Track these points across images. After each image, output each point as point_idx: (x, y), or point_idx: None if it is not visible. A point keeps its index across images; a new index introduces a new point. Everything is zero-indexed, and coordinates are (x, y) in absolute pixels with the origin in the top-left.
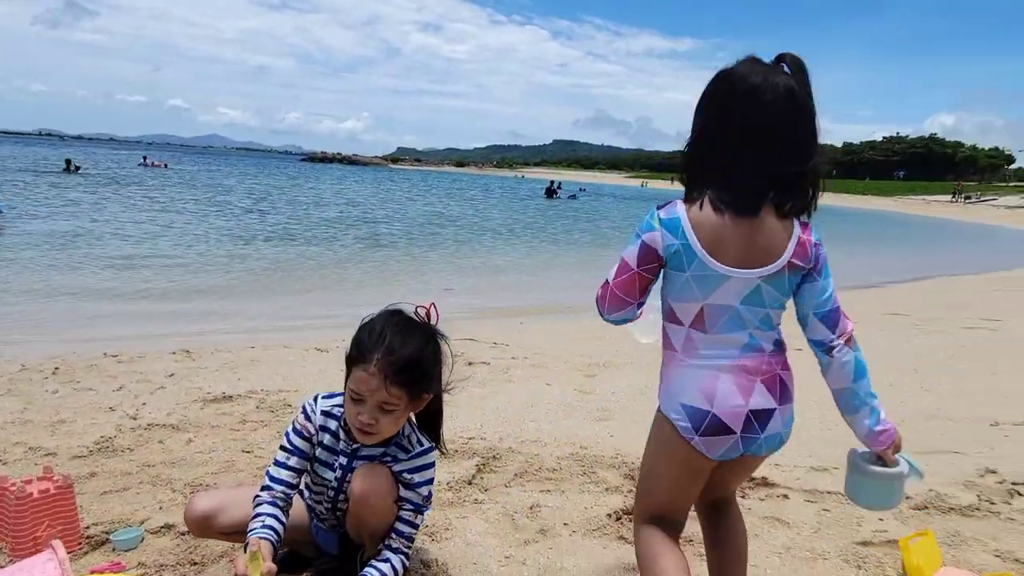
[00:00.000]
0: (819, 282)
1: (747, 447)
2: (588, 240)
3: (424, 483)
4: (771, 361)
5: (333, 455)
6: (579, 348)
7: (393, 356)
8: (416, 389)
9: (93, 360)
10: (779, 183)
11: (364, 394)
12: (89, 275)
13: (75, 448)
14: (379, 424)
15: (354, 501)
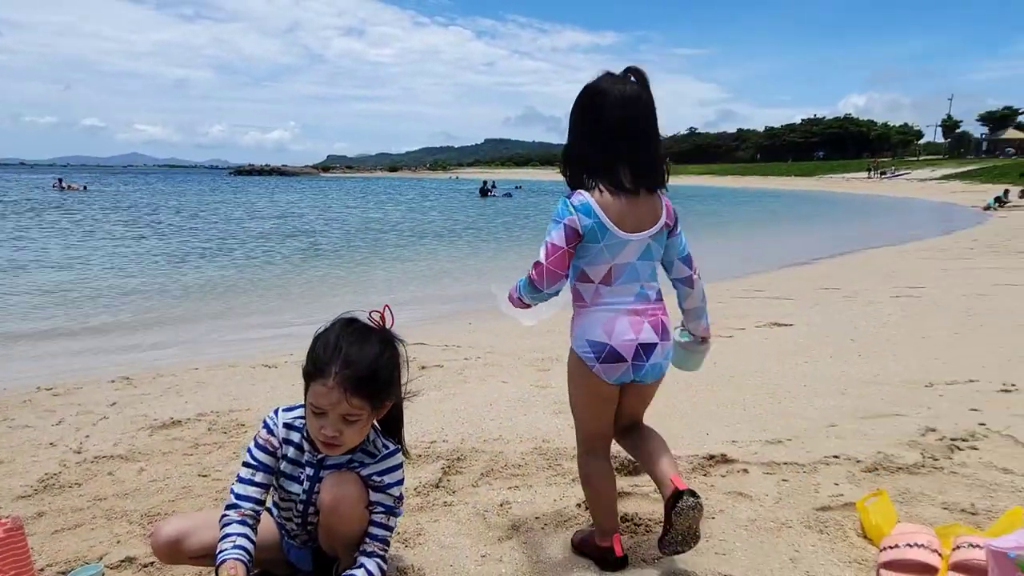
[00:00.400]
0: (679, 235)
1: (636, 374)
2: (528, 236)
3: (394, 484)
4: (655, 307)
5: (299, 467)
6: (529, 344)
7: (351, 368)
8: (377, 398)
9: (26, 395)
10: (646, 167)
11: (325, 408)
12: (13, 307)
13: (17, 488)
14: (343, 436)
15: (325, 511)
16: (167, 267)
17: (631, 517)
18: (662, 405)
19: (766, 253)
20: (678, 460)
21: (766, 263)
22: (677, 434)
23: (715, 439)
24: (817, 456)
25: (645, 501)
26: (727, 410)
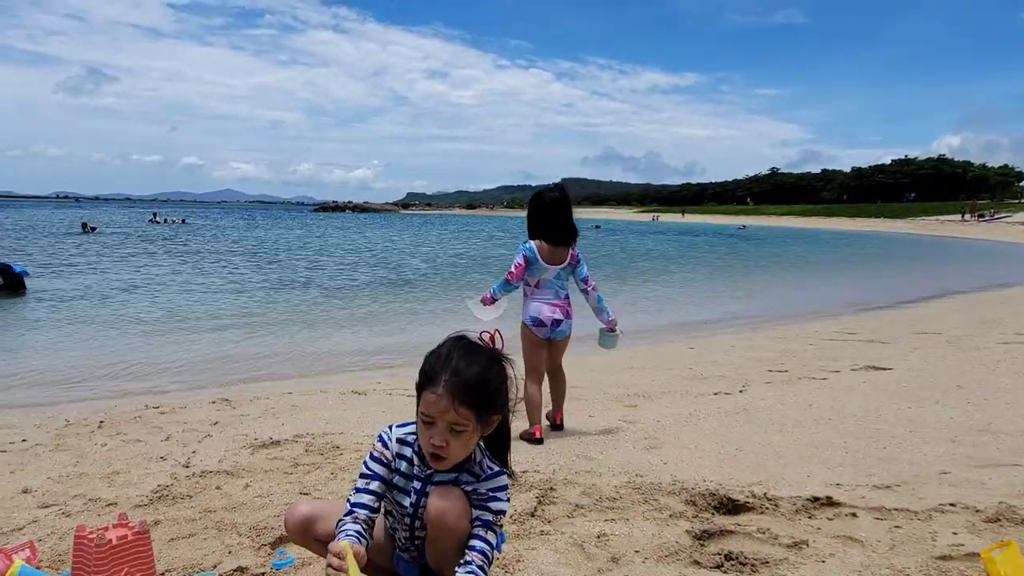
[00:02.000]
0: (580, 266)
1: (552, 333)
2: (611, 271)
3: (495, 500)
4: (562, 302)
5: (409, 481)
6: (613, 379)
7: (459, 377)
8: (483, 409)
9: (136, 412)
10: (560, 234)
11: (434, 416)
12: (120, 330)
13: (135, 498)
14: (450, 447)
15: (430, 523)
16: (258, 296)
17: (736, 555)
18: (758, 443)
19: (856, 295)
20: (778, 500)
21: (856, 305)
22: (776, 474)
23: (817, 481)
24: (931, 503)
25: (748, 540)
26: (827, 452)
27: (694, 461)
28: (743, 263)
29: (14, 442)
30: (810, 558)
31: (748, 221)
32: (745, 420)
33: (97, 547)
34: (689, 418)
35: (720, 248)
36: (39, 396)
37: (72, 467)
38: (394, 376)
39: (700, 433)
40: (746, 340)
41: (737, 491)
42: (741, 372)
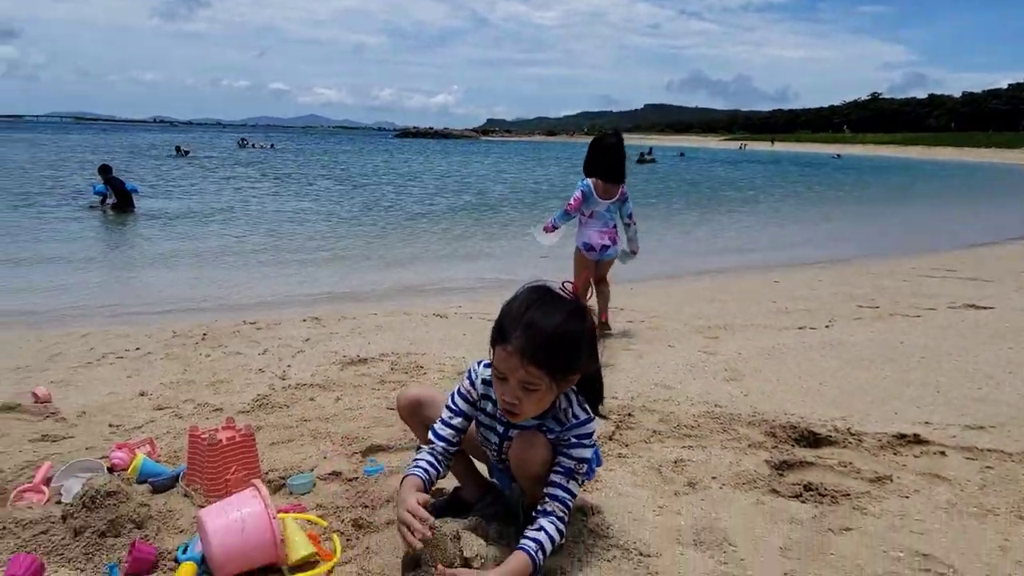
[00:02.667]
0: (626, 204)
1: (600, 256)
2: (687, 203)
3: (579, 447)
4: (611, 230)
5: (493, 420)
6: (694, 310)
7: (530, 336)
8: (557, 368)
9: (234, 327)
10: (613, 175)
11: (506, 373)
12: (219, 249)
13: (237, 404)
14: (522, 404)
15: (513, 467)
16: (348, 220)
17: (815, 487)
18: (843, 379)
19: (959, 230)
20: (862, 436)
21: (958, 241)
22: (861, 411)
23: (905, 419)
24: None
25: (829, 473)
26: (917, 390)
27: (775, 394)
28: (836, 194)
29: (129, 350)
30: (893, 493)
31: (844, 150)
32: (831, 355)
33: (209, 447)
34: (772, 351)
35: (812, 178)
36: (149, 308)
37: (181, 374)
38: (475, 300)
39: (782, 367)
40: (835, 274)
41: (819, 425)
42: (828, 307)
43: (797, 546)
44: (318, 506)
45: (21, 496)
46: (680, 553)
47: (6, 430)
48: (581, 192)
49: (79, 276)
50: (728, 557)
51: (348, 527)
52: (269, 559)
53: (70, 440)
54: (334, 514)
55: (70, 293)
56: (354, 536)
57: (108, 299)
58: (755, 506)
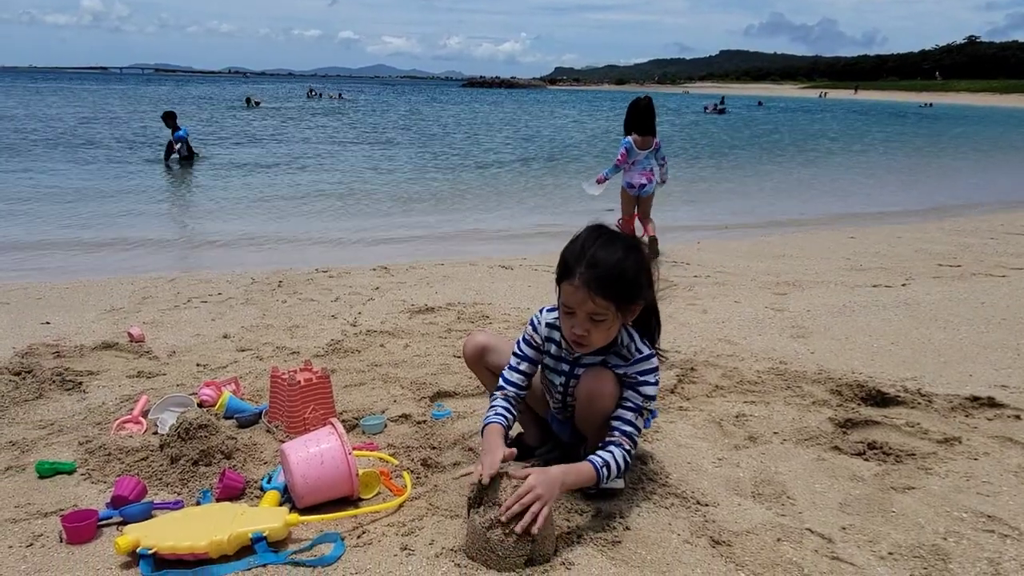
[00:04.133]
0: (660, 151)
1: (639, 192)
2: (754, 156)
3: (645, 384)
4: (649, 172)
5: (559, 362)
6: (763, 266)
7: (595, 268)
8: (622, 298)
9: (308, 275)
10: (648, 130)
11: (573, 307)
12: (291, 198)
13: (313, 348)
14: (591, 335)
15: (580, 403)
16: (417, 170)
17: (880, 445)
18: (916, 339)
19: None
20: (933, 397)
21: None
22: (933, 372)
23: (980, 381)
24: None
25: (895, 432)
26: (995, 353)
27: (843, 352)
28: (924, 146)
29: (212, 295)
30: (961, 455)
31: (934, 99)
32: (905, 314)
33: (289, 386)
34: (842, 309)
35: (898, 128)
36: (228, 255)
37: (260, 319)
38: (541, 253)
39: (853, 325)
40: (916, 231)
41: (888, 385)
42: (906, 265)
43: (857, 502)
44: (389, 446)
45: (122, 426)
46: (738, 504)
47: (107, 366)
48: (625, 148)
49: (165, 222)
50: (786, 509)
51: (417, 466)
52: (345, 491)
53: (162, 377)
54: (404, 453)
55: (156, 240)
56: (423, 474)
57: (190, 245)
58: (816, 462)
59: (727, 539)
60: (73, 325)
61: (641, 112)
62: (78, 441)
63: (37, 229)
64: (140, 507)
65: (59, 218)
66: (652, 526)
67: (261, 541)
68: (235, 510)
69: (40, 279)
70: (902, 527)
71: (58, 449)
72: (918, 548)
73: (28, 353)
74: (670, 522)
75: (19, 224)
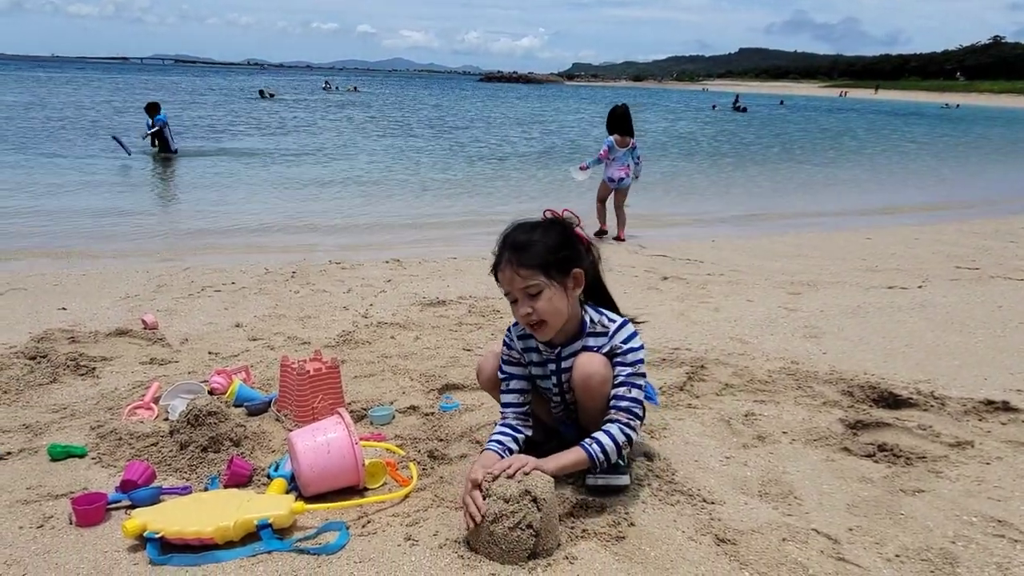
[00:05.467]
0: (635, 151)
1: (617, 185)
2: (777, 152)
3: (630, 350)
4: (626, 167)
5: (544, 367)
6: (778, 266)
7: (512, 245)
8: (546, 263)
9: (321, 267)
10: (626, 131)
11: (510, 289)
12: (304, 189)
13: (324, 339)
14: (536, 311)
15: (577, 391)
16: (433, 164)
17: (890, 447)
18: (931, 341)
19: None
20: (946, 400)
21: None
22: (948, 375)
23: (995, 385)
24: None
25: (906, 435)
26: (1012, 358)
27: (856, 354)
28: (944, 147)
29: (225, 284)
30: (973, 459)
31: (956, 99)
32: (920, 317)
33: (299, 376)
34: (856, 310)
35: (918, 129)
36: (242, 246)
37: (272, 309)
38: None
39: (867, 326)
40: (934, 232)
41: (901, 387)
42: (923, 266)
43: (865, 504)
44: (396, 436)
45: (134, 412)
46: (744, 502)
47: (120, 352)
48: (607, 146)
49: (178, 211)
50: (792, 509)
51: (424, 457)
52: (351, 481)
53: (175, 364)
54: (411, 445)
55: (172, 228)
56: (429, 466)
57: (204, 234)
58: (825, 462)
59: (732, 538)
60: (89, 311)
61: (619, 117)
62: (90, 425)
63: (66, 221)
64: (148, 491)
65: (86, 206)
66: (657, 523)
67: (266, 528)
68: (242, 497)
69: (59, 268)
70: (910, 530)
71: (70, 433)
72: (926, 551)
73: (44, 338)
74: (675, 519)
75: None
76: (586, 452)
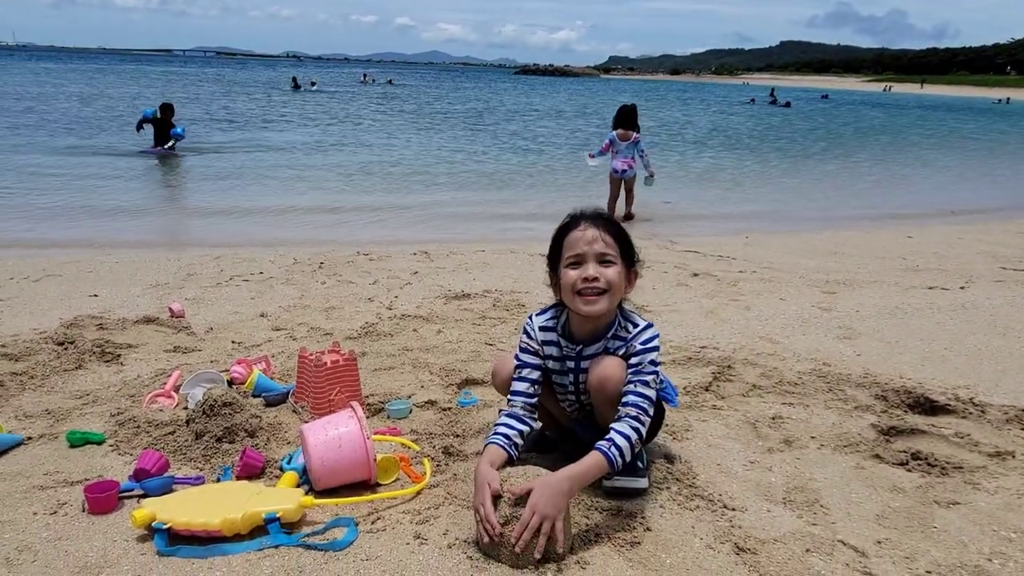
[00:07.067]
0: (640, 144)
1: (622, 175)
2: (824, 147)
3: (646, 351)
4: (630, 159)
5: (562, 362)
6: (813, 263)
7: (599, 214)
8: (626, 243)
9: (349, 258)
10: (633, 125)
11: (583, 249)
12: (337, 180)
13: (347, 330)
14: (603, 278)
15: (593, 393)
16: (459, 157)
17: (925, 456)
18: (973, 345)
19: None
20: (986, 407)
21: None
22: (989, 380)
23: None
24: None
25: (942, 443)
26: None
27: (892, 356)
28: (997, 144)
29: (254, 274)
30: (1014, 470)
31: (1008, 94)
32: (962, 319)
33: (316, 368)
34: (894, 311)
35: (969, 125)
36: (272, 235)
37: (298, 299)
38: None
39: (904, 328)
40: (979, 232)
41: (938, 392)
42: (967, 267)
43: (895, 515)
44: (412, 431)
45: (154, 400)
46: (767, 510)
47: (146, 340)
48: (609, 140)
49: (211, 199)
50: (818, 519)
51: (439, 453)
52: (363, 476)
53: (198, 352)
54: (427, 440)
55: (205, 219)
56: (443, 462)
57: (237, 224)
58: (854, 470)
59: (752, 547)
60: (119, 298)
61: (625, 114)
62: (110, 413)
63: (108, 199)
64: (160, 481)
65: (121, 191)
66: (674, 528)
67: (274, 522)
68: (252, 489)
69: (93, 254)
70: (943, 544)
71: (91, 420)
72: (959, 568)
73: (73, 324)
74: (693, 525)
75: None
76: (604, 455)
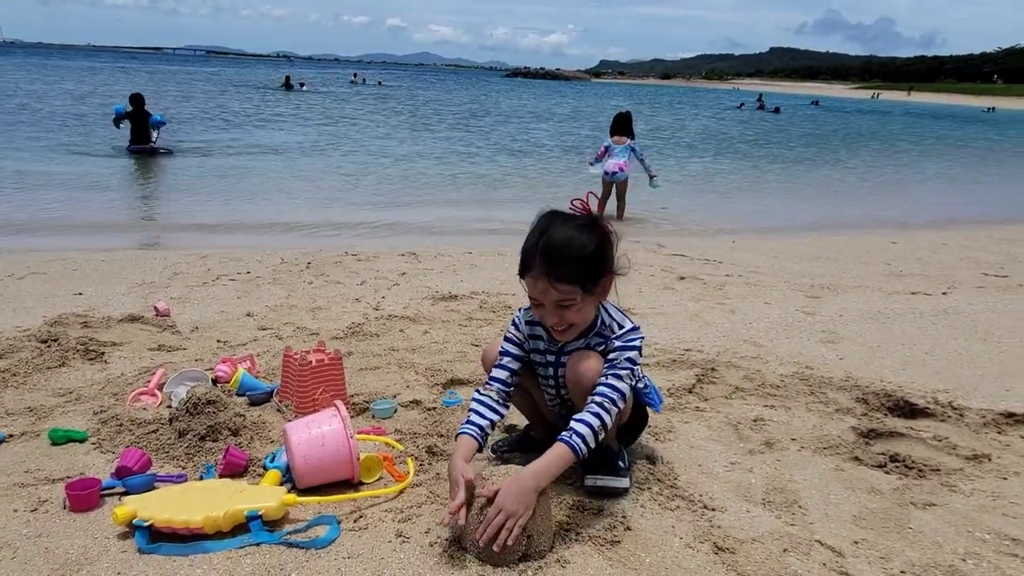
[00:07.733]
0: (635, 149)
1: (613, 178)
2: (815, 151)
3: (625, 349)
4: (622, 162)
5: (545, 355)
6: (798, 268)
7: (550, 257)
8: (586, 277)
9: (337, 258)
10: (628, 131)
11: (539, 298)
12: (325, 181)
13: (333, 330)
14: (564, 320)
15: (571, 388)
16: (451, 160)
17: (903, 458)
18: (953, 350)
19: None
20: (965, 411)
21: None
22: (968, 384)
23: (1018, 396)
24: None
25: (920, 446)
26: None
27: (874, 360)
28: (983, 151)
29: (241, 273)
30: (989, 473)
31: (994, 103)
32: (943, 324)
33: (300, 367)
34: (876, 315)
35: (956, 133)
36: (258, 236)
37: (285, 299)
38: None
39: (886, 332)
40: (963, 238)
41: (918, 396)
42: (949, 273)
43: (872, 516)
44: (397, 431)
45: (138, 398)
46: (746, 510)
47: (130, 338)
48: (605, 146)
49: (197, 200)
50: (796, 519)
51: (422, 452)
52: (346, 474)
53: (182, 351)
54: (411, 439)
55: (192, 218)
56: (427, 462)
57: (225, 223)
58: (833, 472)
59: (731, 546)
60: (104, 297)
61: (622, 121)
62: (93, 411)
63: (108, 203)
64: (142, 479)
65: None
66: (654, 528)
67: (256, 520)
68: (234, 487)
69: (78, 253)
70: (918, 545)
71: (73, 417)
72: (933, 568)
73: (57, 322)
74: (673, 525)
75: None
76: (566, 445)
